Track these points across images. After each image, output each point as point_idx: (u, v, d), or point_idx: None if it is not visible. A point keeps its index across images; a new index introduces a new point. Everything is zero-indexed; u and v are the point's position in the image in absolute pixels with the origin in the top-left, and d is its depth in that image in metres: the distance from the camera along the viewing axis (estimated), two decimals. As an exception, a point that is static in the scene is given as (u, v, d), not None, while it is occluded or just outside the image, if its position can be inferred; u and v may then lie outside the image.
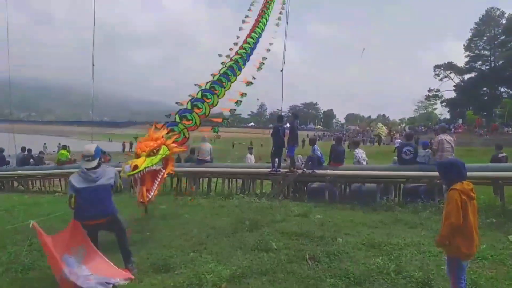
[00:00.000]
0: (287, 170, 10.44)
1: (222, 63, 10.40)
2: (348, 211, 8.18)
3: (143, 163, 5.86)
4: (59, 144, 37.71)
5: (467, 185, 3.40)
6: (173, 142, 7.10)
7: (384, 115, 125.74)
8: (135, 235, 6.27)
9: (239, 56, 10.44)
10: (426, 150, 9.63)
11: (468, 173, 8.27)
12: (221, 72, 9.73)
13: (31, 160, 17.00)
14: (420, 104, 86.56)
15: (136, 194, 6.32)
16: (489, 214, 7.27)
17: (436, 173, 8.29)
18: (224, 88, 9.44)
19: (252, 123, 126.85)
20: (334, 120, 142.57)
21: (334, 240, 5.76)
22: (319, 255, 5.02)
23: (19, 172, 15.54)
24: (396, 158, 10.05)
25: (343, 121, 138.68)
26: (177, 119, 8.19)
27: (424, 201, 8.16)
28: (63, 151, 16.20)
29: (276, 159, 10.62)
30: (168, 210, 8.43)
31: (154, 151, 6.26)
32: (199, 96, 8.89)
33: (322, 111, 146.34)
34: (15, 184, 16.01)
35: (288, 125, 11.74)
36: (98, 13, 10.85)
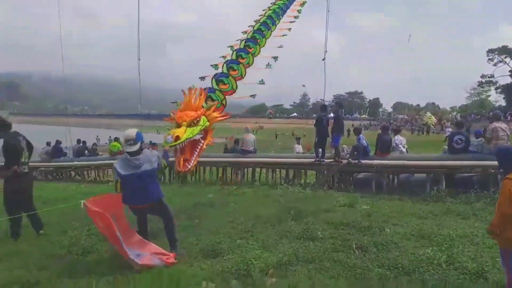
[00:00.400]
0: (332, 160, 10.33)
1: (255, 20, 9.85)
2: (396, 202, 7.97)
3: (184, 133, 5.79)
4: (110, 136, 39.55)
5: None
6: (213, 111, 6.90)
7: (434, 103, 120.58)
8: (184, 222, 6.51)
9: (271, 11, 9.89)
10: (479, 139, 9.19)
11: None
12: (255, 28, 9.32)
13: (86, 151, 18.00)
14: (472, 91, 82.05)
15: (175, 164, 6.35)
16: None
17: (490, 162, 7.98)
18: (259, 45, 9.00)
19: (294, 114, 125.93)
20: (380, 109, 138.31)
21: (381, 230, 5.66)
22: (366, 244, 4.97)
23: (76, 163, 16.51)
24: (446, 147, 9.65)
25: (390, 110, 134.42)
26: (214, 85, 7.89)
27: (478, 192, 7.78)
28: (115, 143, 17.02)
29: (320, 149, 10.53)
30: (215, 199, 8.63)
31: (195, 121, 6.14)
32: (233, 57, 8.53)
33: (367, 100, 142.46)
34: (72, 174, 17.04)
35: (332, 114, 11.60)
36: (142, 11, 11.14)
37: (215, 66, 8.35)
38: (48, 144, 18.17)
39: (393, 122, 71.80)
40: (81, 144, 18.05)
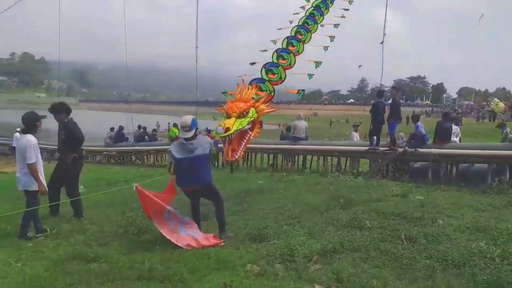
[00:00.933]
0: (387, 148, 10.04)
1: (302, 7, 9.66)
2: (453, 193, 7.62)
3: (233, 125, 5.94)
4: (169, 123, 41.17)
5: None
6: (262, 103, 6.97)
7: (504, 89, 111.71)
8: (234, 207, 6.72)
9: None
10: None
11: None
12: (307, 13, 9.16)
13: (146, 137, 18.96)
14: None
15: (224, 153, 6.54)
16: None
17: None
18: (311, 31, 8.87)
19: (351, 100, 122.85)
20: (444, 95, 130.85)
21: (434, 221, 5.46)
22: (416, 235, 4.82)
23: (136, 147, 17.47)
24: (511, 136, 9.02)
25: (455, 95, 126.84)
26: (263, 75, 7.91)
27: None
28: (174, 129, 17.75)
29: (375, 137, 10.27)
30: (265, 185, 8.77)
31: (244, 113, 6.26)
32: (284, 45, 8.51)
33: (430, 85, 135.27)
34: (133, 158, 18.07)
35: (389, 100, 11.22)
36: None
37: (265, 51, 8.46)
38: (111, 129, 19.39)
39: (457, 109, 67.82)
40: (141, 130, 19.02)
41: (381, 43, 10.88)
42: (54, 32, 18.48)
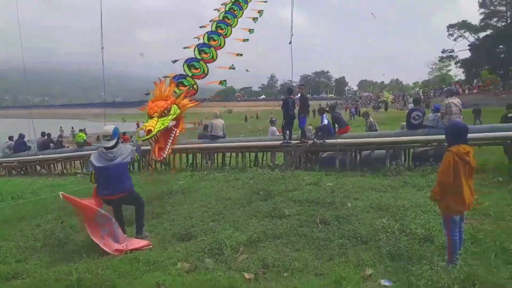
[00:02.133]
0: (298, 141, 10.70)
1: (223, 4, 9.87)
2: (358, 178, 8.45)
3: (155, 125, 6.02)
4: (72, 128, 38.58)
5: (463, 149, 3.68)
6: (183, 98, 7.08)
7: (397, 80, 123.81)
8: (158, 209, 6.72)
9: None
10: (436, 114, 9.74)
11: (479, 134, 8.44)
12: (226, 9, 9.40)
13: (51, 144, 17.62)
14: (434, 66, 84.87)
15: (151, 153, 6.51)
16: (496, 174, 7.52)
17: (444, 137, 8.58)
18: (231, 25, 9.14)
19: (263, 96, 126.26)
20: (346, 88, 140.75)
21: (343, 205, 6.07)
22: (329, 219, 5.36)
23: (41, 156, 16.18)
24: (404, 123, 10.20)
25: (355, 88, 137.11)
26: (185, 70, 8.01)
27: (433, 165, 8.33)
28: (80, 133, 16.76)
29: (287, 131, 10.87)
30: (186, 185, 8.84)
31: (166, 111, 6.35)
32: (205, 40, 8.63)
33: (334, 79, 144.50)
34: (38, 168, 16.69)
35: (298, 95, 11.90)
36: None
37: (187, 48, 8.47)
38: (10, 138, 17.68)
39: (359, 100, 73.54)
40: (45, 137, 17.63)
41: (289, 43, 11.51)
42: None
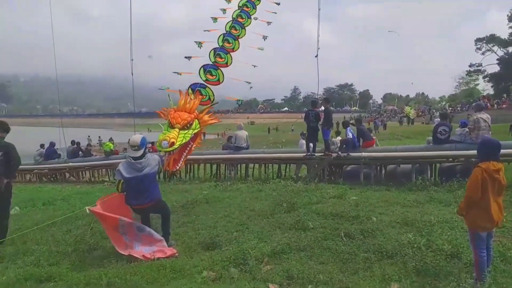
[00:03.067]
0: (322, 154, 10.70)
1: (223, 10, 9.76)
2: (383, 192, 8.37)
3: (177, 138, 6.06)
4: (100, 137, 39.49)
5: (493, 166, 3.65)
6: (205, 114, 7.11)
7: (423, 93, 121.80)
8: (183, 218, 6.84)
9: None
10: (463, 129, 9.58)
11: (509, 150, 8.20)
12: (234, 16, 9.32)
13: (80, 152, 18.17)
14: (461, 80, 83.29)
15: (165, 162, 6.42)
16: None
17: (472, 152, 8.40)
18: (245, 28, 9.12)
19: (286, 108, 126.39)
20: (370, 101, 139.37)
21: (368, 219, 6.03)
22: (354, 232, 5.33)
23: (71, 164, 16.70)
24: (430, 138, 10.07)
25: (380, 101, 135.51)
26: (201, 75, 8.03)
27: (460, 180, 8.18)
28: (108, 143, 17.25)
29: (311, 144, 10.89)
30: (210, 195, 8.94)
31: (188, 125, 6.39)
32: (219, 43, 8.65)
33: (358, 92, 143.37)
34: (67, 175, 17.24)
35: (322, 108, 11.92)
36: (133, 9, 11.31)
37: (199, 44, 8.59)
38: (41, 146, 18.34)
39: (383, 113, 72.68)
40: (75, 146, 18.21)
41: (315, 56, 11.56)
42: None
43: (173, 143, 5.97)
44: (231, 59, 8.60)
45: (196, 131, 6.68)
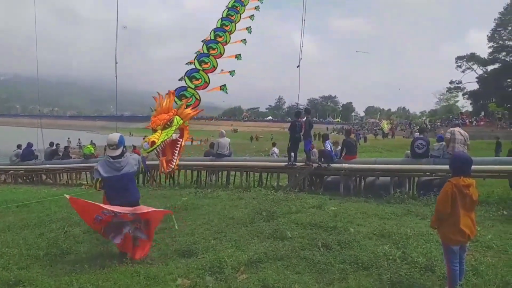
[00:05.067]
0: (303, 164, 10.75)
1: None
2: (361, 204, 8.45)
3: (159, 137, 6.16)
4: (79, 139, 38.87)
5: (463, 181, 3.75)
6: (185, 108, 7.20)
7: (404, 108, 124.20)
8: (160, 224, 6.69)
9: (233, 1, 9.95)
10: (441, 143, 9.77)
11: (484, 166, 8.44)
12: (224, 15, 9.47)
13: (58, 154, 17.79)
14: (441, 97, 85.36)
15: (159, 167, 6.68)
16: (500, 207, 7.50)
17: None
18: (230, 31, 9.19)
19: (270, 117, 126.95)
20: (353, 113, 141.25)
21: (346, 230, 6.06)
22: (331, 243, 5.34)
23: (48, 165, 16.33)
24: (408, 152, 10.24)
25: (362, 114, 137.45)
26: (187, 82, 8.12)
27: (437, 194, 8.29)
28: (89, 146, 16.92)
29: (292, 153, 10.94)
30: (190, 201, 8.86)
31: (168, 123, 6.47)
32: (204, 50, 8.72)
33: (341, 104, 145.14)
34: (43, 177, 16.82)
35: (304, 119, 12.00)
36: (123, 12, 11.26)
37: (190, 64, 8.60)
38: (18, 146, 17.89)
39: (365, 126, 73.74)
40: (53, 147, 17.82)
41: (297, 66, 11.67)
42: None
43: (153, 142, 6.06)
44: (216, 62, 8.63)
45: (178, 126, 6.75)
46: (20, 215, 7.97)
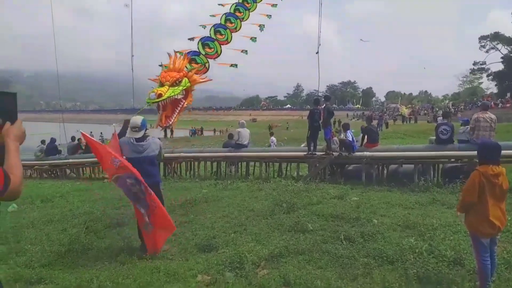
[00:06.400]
0: (323, 153, 10.55)
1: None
2: (385, 193, 8.23)
3: (166, 92, 6.36)
4: (101, 132, 39.48)
5: (492, 170, 3.54)
6: (195, 73, 7.40)
7: (426, 92, 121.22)
8: (180, 218, 6.71)
9: None
10: (466, 127, 9.43)
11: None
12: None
13: (81, 149, 18.08)
14: (464, 79, 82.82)
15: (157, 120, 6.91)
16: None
17: (475, 153, 8.25)
18: (249, 10, 9.07)
19: (288, 105, 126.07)
20: (373, 99, 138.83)
21: (369, 221, 5.90)
22: (354, 235, 5.20)
23: (71, 160, 16.62)
24: (433, 137, 9.90)
25: (383, 99, 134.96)
26: (200, 48, 8.15)
27: (464, 181, 8.00)
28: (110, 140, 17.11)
29: (312, 142, 10.75)
30: (209, 193, 8.82)
31: (177, 82, 6.68)
32: (222, 21, 8.68)
33: (360, 90, 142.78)
34: (67, 171, 17.15)
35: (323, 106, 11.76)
36: (138, 5, 11.23)
37: (203, 27, 8.57)
38: (42, 142, 18.26)
39: (386, 111, 72.39)
40: (75, 142, 18.12)
41: (316, 53, 11.41)
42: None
43: (160, 95, 6.29)
44: (231, 36, 8.55)
45: (185, 87, 6.97)
46: (44, 210, 8.08)
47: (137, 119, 5.24)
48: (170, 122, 6.84)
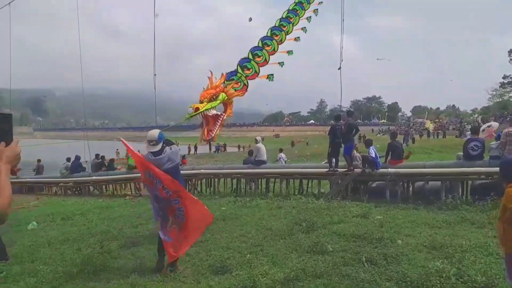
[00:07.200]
0: (346, 169, 10.26)
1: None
2: (410, 211, 7.85)
3: (203, 106, 6.94)
4: (117, 149, 40.13)
5: None
6: (232, 88, 7.89)
7: (454, 106, 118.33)
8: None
9: (294, 4, 9.81)
10: (498, 142, 8.98)
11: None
12: (283, 16, 9.51)
13: (104, 166, 18.36)
14: (494, 93, 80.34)
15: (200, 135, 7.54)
16: None
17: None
18: (286, 32, 9.29)
19: (312, 121, 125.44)
20: (400, 113, 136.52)
21: (393, 241, 5.58)
22: (376, 258, 4.90)
23: (94, 177, 16.87)
24: (460, 153, 9.46)
25: (409, 114, 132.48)
26: (238, 70, 8.51)
27: (495, 199, 7.58)
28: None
29: (333, 159, 10.48)
30: (228, 211, 8.66)
31: (214, 97, 7.23)
32: (259, 44, 8.97)
33: (386, 105, 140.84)
34: (91, 189, 17.41)
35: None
36: (163, 25, 11.41)
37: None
38: (68, 159, 18.67)
39: (412, 126, 70.83)
40: (99, 159, 18.44)
41: (338, 68, 11.19)
42: (5, 60, 17.93)
43: (197, 109, 6.88)
44: (269, 56, 8.84)
45: (222, 101, 7.54)
46: (63, 228, 8.12)
47: (154, 132, 5.13)
48: (213, 135, 7.35)
